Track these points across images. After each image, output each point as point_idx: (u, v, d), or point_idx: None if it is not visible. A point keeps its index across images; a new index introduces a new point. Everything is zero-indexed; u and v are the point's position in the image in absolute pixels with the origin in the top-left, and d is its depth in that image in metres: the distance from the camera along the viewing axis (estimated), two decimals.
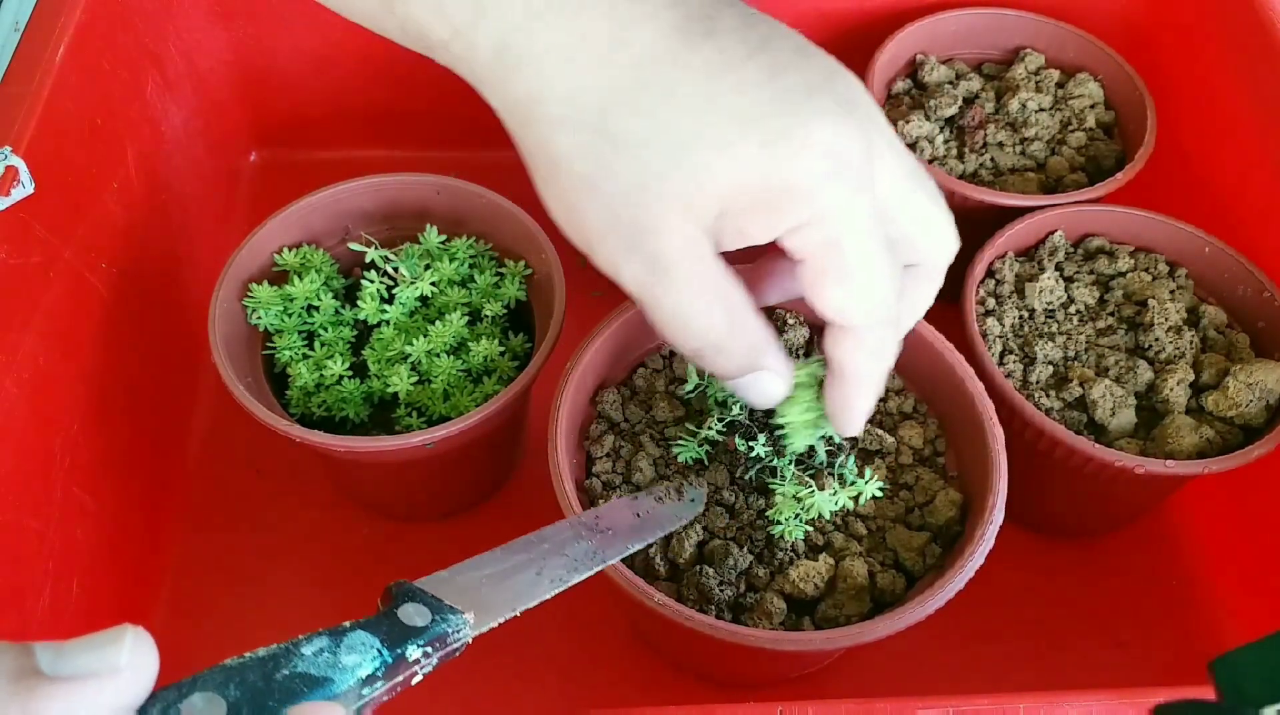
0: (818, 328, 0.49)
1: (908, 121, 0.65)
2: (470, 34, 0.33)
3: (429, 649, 0.30)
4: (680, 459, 0.46)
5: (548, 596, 0.35)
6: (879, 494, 0.46)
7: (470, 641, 0.31)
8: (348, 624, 0.28)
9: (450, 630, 0.31)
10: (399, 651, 0.29)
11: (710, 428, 0.46)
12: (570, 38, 0.33)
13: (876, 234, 0.34)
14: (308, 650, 0.27)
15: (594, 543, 0.39)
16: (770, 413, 0.46)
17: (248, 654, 0.26)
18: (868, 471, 0.46)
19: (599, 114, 0.33)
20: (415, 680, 0.30)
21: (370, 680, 0.28)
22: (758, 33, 0.34)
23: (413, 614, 0.30)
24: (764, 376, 0.38)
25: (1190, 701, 0.28)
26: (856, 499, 0.45)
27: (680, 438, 0.48)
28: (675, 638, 0.52)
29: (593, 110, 0.33)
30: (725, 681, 0.55)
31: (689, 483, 0.45)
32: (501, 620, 0.33)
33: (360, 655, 0.28)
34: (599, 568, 0.38)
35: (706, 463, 0.47)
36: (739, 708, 0.38)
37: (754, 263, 0.41)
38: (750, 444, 0.45)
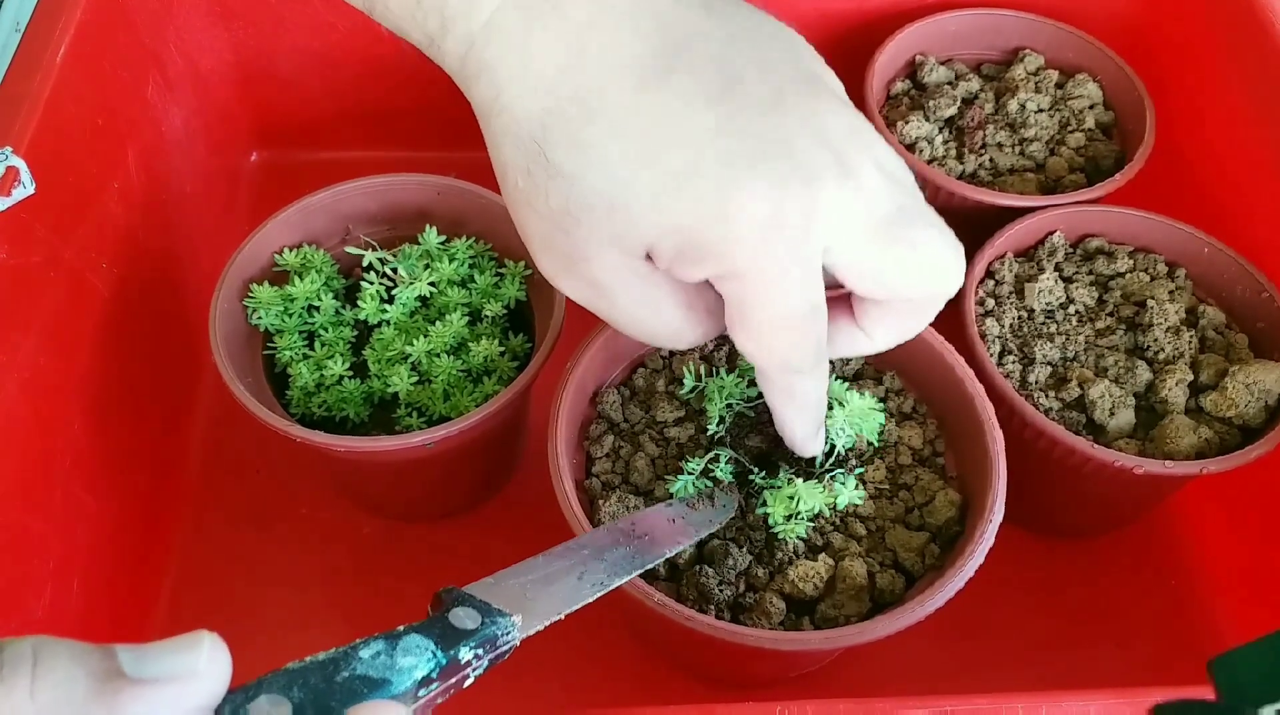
0: None
1: (907, 122, 0.65)
2: (441, 42, 0.34)
3: (480, 650, 0.31)
4: (674, 493, 0.46)
5: (590, 600, 0.36)
6: (858, 501, 0.46)
7: (518, 644, 0.32)
8: (402, 628, 0.29)
9: (500, 633, 0.32)
10: (452, 653, 0.30)
11: (701, 465, 0.46)
12: (522, 57, 0.33)
13: (795, 294, 0.34)
14: (365, 653, 0.28)
15: (631, 548, 0.40)
16: (756, 437, 0.48)
17: (308, 658, 0.27)
18: (849, 479, 0.46)
19: (541, 138, 0.33)
20: (467, 683, 0.30)
21: (426, 682, 0.29)
22: (727, 73, 0.33)
23: (463, 617, 0.31)
24: None
25: (1189, 701, 0.28)
26: (834, 504, 0.45)
27: (680, 468, 0.47)
28: (674, 637, 0.52)
29: (536, 132, 0.33)
30: (724, 681, 0.55)
31: (720, 490, 0.46)
32: (548, 623, 0.34)
33: (416, 657, 0.29)
34: (637, 572, 0.39)
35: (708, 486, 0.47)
36: (738, 707, 0.38)
37: None
38: (749, 476, 0.46)
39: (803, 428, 0.42)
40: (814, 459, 0.46)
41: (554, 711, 0.54)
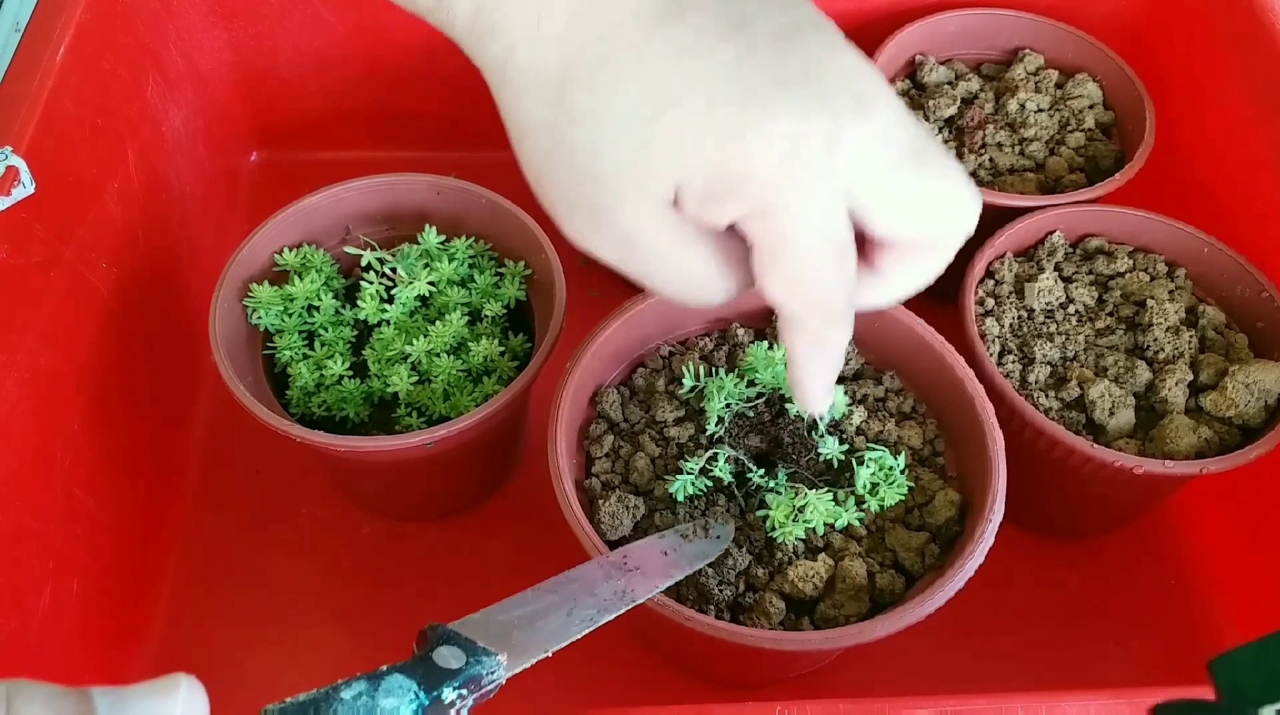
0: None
1: None
2: (449, 5, 0.34)
3: (464, 690, 0.30)
4: (675, 495, 0.46)
5: (578, 636, 0.36)
6: (857, 521, 0.45)
7: (504, 683, 0.32)
8: (385, 668, 0.29)
9: (485, 672, 0.31)
10: (435, 694, 0.29)
11: (701, 465, 0.46)
12: (535, 12, 0.33)
13: (825, 229, 0.34)
14: (347, 695, 0.28)
15: (623, 582, 0.40)
16: (760, 442, 0.48)
17: (288, 699, 0.27)
18: (849, 501, 0.46)
19: (559, 86, 0.33)
20: None
21: None
22: (737, 13, 0.33)
23: (448, 656, 0.31)
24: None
25: (1189, 701, 0.28)
26: (833, 525, 0.45)
27: (679, 468, 0.47)
28: (674, 638, 0.52)
29: (553, 82, 0.33)
30: (724, 681, 0.55)
31: (715, 520, 0.46)
32: (534, 660, 0.34)
33: (398, 699, 0.28)
34: (627, 607, 0.39)
35: (706, 490, 0.47)
36: (737, 707, 0.38)
37: None
38: (747, 475, 0.46)
39: (823, 382, 0.40)
40: (810, 462, 0.46)
41: (554, 711, 0.54)
